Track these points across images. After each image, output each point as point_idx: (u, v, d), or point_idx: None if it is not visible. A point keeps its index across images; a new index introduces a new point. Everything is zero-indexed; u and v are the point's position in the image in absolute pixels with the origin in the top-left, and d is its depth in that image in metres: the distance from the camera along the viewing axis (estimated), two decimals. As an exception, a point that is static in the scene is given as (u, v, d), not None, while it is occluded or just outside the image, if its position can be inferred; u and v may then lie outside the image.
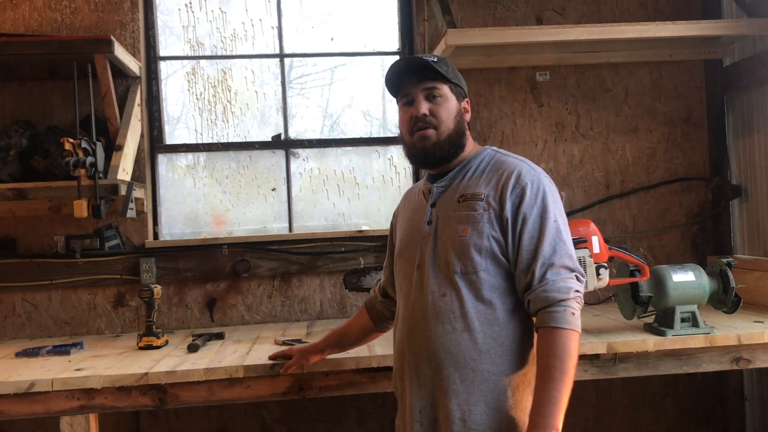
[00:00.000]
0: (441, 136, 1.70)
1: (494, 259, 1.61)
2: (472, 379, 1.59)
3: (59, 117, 3.08)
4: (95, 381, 2.13)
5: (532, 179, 1.64)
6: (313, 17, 3.38)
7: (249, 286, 3.16)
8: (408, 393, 1.69)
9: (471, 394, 1.59)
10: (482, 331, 1.60)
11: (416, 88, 1.70)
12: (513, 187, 1.63)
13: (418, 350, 1.66)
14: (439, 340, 1.62)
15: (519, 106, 3.32)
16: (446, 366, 1.61)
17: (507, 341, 1.61)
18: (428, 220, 1.71)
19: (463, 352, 1.60)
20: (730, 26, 3.05)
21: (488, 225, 1.62)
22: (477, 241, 1.61)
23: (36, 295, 3.04)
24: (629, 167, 3.36)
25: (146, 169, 3.15)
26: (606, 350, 2.29)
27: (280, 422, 3.20)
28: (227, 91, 3.32)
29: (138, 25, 3.13)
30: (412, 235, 1.75)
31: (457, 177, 1.73)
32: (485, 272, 1.61)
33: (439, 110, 1.70)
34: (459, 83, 1.75)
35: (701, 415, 3.39)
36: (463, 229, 1.63)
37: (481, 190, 1.66)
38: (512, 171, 1.66)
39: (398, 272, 1.79)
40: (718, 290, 2.44)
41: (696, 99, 3.39)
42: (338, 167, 3.36)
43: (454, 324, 1.61)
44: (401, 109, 1.76)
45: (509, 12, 3.30)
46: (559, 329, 1.53)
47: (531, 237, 1.60)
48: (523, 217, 1.61)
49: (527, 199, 1.61)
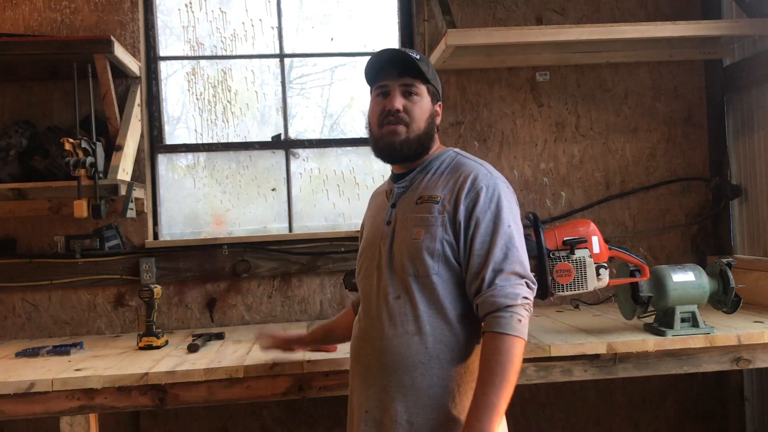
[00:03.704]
0: (410, 135, 1.69)
1: (446, 263, 1.61)
2: (420, 383, 1.59)
3: (59, 117, 3.08)
4: (95, 381, 2.13)
5: (488, 183, 1.63)
6: (313, 17, 3.38)
7: (249, 286, 3.16)
8: (357, 392, 1.70)
9: (419, 397, 1.59)
10: (433, 336, 1.60)
11: (395, 82, 1.69)
12: (468, 191, 1.62)
13: (370, 351, 1.66)
14: (391, 342, 1.62)
15: (519, 106, 3.32)
16: (396, 368, 1.61)
17: (456, 346, 1.61)
18: (388, 220, 1.71)
19: (412, 356, 1.59)
20: (730, 26, 3.05)
21: (441, 228, 1.61)
22: (429, 245, 1.61)
23: (36, 295, 3.04)
24: (629, 167, 3.36)
25: (146, 169, 3.15)
26: (606, 350, 2.29)
27: (280, 422, 3.20)
28: (227, 91, 3.33)
29: (138, 25, 3.13)
30: (374, 235, 1.75)
31: (417, 178, 1.73)
32: (437, 276, 1.60)
33: (413, 108, 1.69)
34: (436, 86, 1.76)
35: (701, 415, 3.39)
36: (418, 231, 1.62)
37: (438, 193, 1.65)
38: (469, 174, 1.65)
39: (359, 271, 1.79)
40: (718, 290, 2.44)
41: (696, 99, 3.39)
42: (338, 167, 3.36)
43: (406, 327, 1.61)
44: (374, 99, 1.74)
45: (509, 12, 3.30)
46: (504, 335, 1.52)
47: (483, 241, 1.59)
48: (476, 221, 1.60)
49: (481, 203, 1.61)
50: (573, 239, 2.22)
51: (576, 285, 2.22)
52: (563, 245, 2.22)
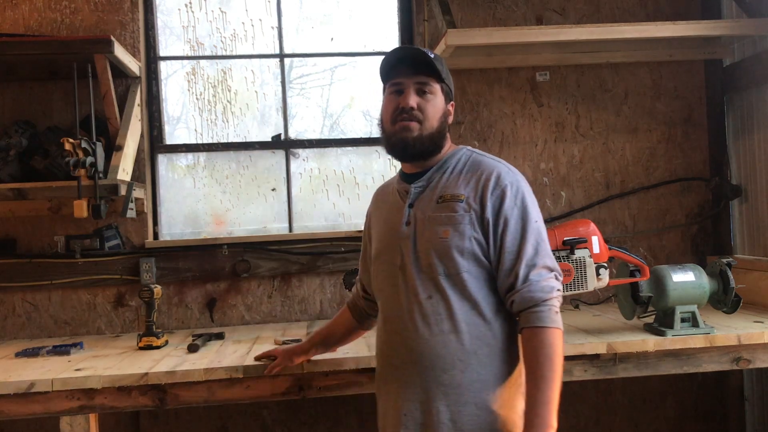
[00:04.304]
0: (423, 132, 1.69)
1: (476, 260, 1.63)
2: (460, 381, 1.60)
3: (59, 117, 3.08)
4: (95, 381, 2.13)
5: (512, 181, 1.67)
6: (313, 17, 3.38)
7: (249, 286, 3.16)
8: (393, 396, 1.69)
9: (460, 394, 1.60)
10: (469, 332, 1.61)
11: (409, 80, 1.69)
12: (493, 189, 1.64)
13: (405, 352, 1.66)
14: (427, 343, 1.62)
15: (519, 106, 3.32)
16: (434, 368, 1.61)
17: (493, 340, 1.63)
18: (407, 220, 1.71)
19: (450, 354, 1.61)
20: (730, 26, 3.05)
21: (469, 226, 1.63)
22: (459, 243, 1.62)
23: (36, 295, 3.04)
24: (629, 167, 3.36)
25: (146, 169, 3.15)
26: (606, 350, 2.29)
27: (280, 422, 3.20)
28: (227, 91, 3.33)
29: (138, 25, 3.13)
30: (391, 236, 1.74)
31: (435, 177, 1.73)
32: (468, 273, 1.62)
33: (427, 106, 1.69)
34: (450, 85, 1.76)
35: (701, 415, 3.39)
36: (444, 230, 1.63)
37: (461, 191, 1.67)
38: (491, 172, 1.67)
39: (377, 274, 1.79)
40: (718, 290, 2.44)
41: (696, 99, 3.39)
42: (338, 167, 3.36)
43: (441, 326, 1.62)
44: (387, 97, 1.74)
45: (509, 12, 3.30)
46: (546, 328, 1.56)
47: (513, 238, 1.62)
48: (504, 218, 1.62)
49: (508, 200, 1.63)
50: (573, 239, 2.22)
51: (576, 285, 2.23)
52: (563, 245, 2.23)
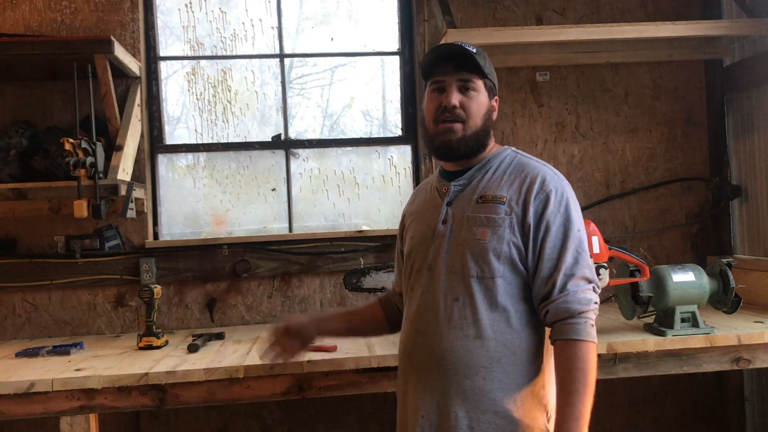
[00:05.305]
0: (467, 132, 1.63)
1: (512, 266, 1.57)
2: (482, 387, 1.55)
3: (59, 117, 3.07)
4: (95, 381, 2.13)
5: (556, 186, 1.60)
6: (313, 17, 3.38)
7: (249, 286, 3.16)
8: (411, 394, 1.65)
9: (480, 401, 1.55)
10: (495, 339, 1.55)
11: (451, 77, 1.63)
12: (537, 193, 1.58)
13: (427, 353, 1.61)
14: (450, 346, 1.57)
15: (519, 106, 3.32)
16: (456, 372, 1.56)
17: (519, 350, 1.57)
18: (443, 219, 1.65)
19: (474, 360, 1.55)
20: (730, 26, 3.05)
21: (509, 230, 1.57)
22: (497, 246, 1.56)
23: (36, 296, 3.04)
24: (629, 167, 3.36)
25: (146, 169, 3.15)
26: (606, 350, 2.29)
27: (280, 422, 3.20)
28: (227, 92, 3.32)
29: (138, 25, 3.12)
30: (424, 233, 1.68)
31: (477, 176, 1.67)
32: (501, 278, 1.56)
33: (470, 104, 1.62)
34: (493, 80, 1.68)
35: (701, 415, 3.39)
36: (483, 232, 1.57)
37: (503, 193, 1.60)
38: (536, 176, 1.61)
39: (407, 270, 1.72)
40: (718, 290, 2.44)
41: (696, 99, 3.39)
42: (338, 167, 3.36)
43: (467, 330, 1.56)
44: (429, 95, 1.67)
45: (509, 12, 3.30)
46: (581, 341, 1.50)
47: (553, 246, 1.55)
48: (546, 224, 1.56)
49: (551, 206, 1.57)
50: (573, 239, 2.22)
51: (576, 285, 2.22)
52: (563, 245, 2.22)
